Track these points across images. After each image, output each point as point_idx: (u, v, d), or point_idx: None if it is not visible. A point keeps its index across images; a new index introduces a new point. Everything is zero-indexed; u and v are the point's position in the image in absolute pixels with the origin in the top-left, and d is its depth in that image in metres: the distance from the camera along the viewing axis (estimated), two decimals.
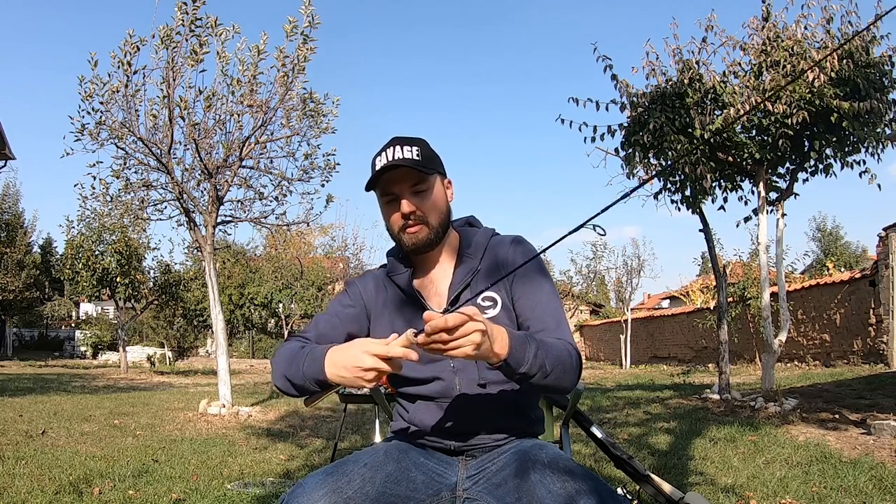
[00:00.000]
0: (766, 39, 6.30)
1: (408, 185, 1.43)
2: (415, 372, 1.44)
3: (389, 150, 1.42)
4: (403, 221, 1.43)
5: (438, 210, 1.46)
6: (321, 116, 7.64)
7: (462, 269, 1.48)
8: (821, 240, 29.00)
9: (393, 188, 1.43)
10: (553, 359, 1.28)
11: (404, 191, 1.42)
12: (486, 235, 1.54)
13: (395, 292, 1.51)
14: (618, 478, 3.31)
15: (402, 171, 1.41)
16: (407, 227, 1.43)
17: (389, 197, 1.45)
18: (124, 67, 6.92)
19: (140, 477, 3.78)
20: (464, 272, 1.47)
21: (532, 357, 1.23)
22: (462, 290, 1.45)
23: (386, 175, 1.41)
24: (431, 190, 1.45)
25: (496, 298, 1.44)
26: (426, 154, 1.45)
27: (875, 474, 3.41)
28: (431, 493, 1.30)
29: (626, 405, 7.23)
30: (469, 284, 1.46)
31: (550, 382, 1.28)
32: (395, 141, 1.45)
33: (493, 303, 1.44)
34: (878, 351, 10.09)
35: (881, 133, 6.09)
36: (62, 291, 30.56)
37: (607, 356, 23.07)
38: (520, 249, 1.50)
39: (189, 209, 7.54)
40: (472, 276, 1.47)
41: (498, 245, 1.51)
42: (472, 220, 1.64)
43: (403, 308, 1.49)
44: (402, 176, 1.42)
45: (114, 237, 17.28)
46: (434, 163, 1.48)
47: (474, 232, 1.56)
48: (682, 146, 6.15)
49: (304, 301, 24.83)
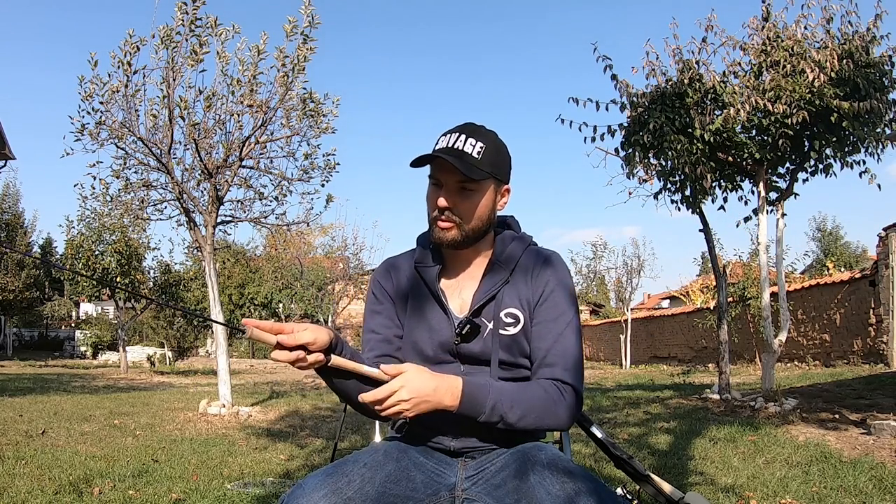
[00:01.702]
0: (766, 39, 6.30)
1: (455, 179, 1.36)
2: (425, 364, 1.43)
3: (453, 136, 1.36)
4: (437, 213, 1.37)
5: (479, 216, 1.38)
6: (321, 116, 7.64)
7: (490, 278, 1.42)
8: (821, 240, 29.02)
9: (441, 175, 1.37)
10: (524, 406, 1.29)
11: (450, 182, 1.36)
12: (522, 246, 1.47)
13: (420, 285, 1.47)
14: (618, 478, 3.31)
15: (452, 162, 1.33)
16: (439, 219, 1.37)
17: (435, 181, 1.39)
18: (124, 67, 6.92)
19: (140, 477, 3.78)
20: (491, 283, 1.42)
21: (489, 409, 1.27)
22: (486, 303, 1.41)
23: (438, 160, 1.35)
24: (479, 193, 1.38)
25: (519, 316, 1.40)
26: (489, 154, 1.36)
27: (875, 474, 3.41)
28: (431, 494, 1.30)
29: (626, 405, 7.23)
30: (495, 297, 1.41)
31: (525, 426, 1.30)
32: (465, 128, 1.38)
33: (516, 320, 1.40)
34: (878, 351, 10.09)
35: (881, 133, 6.08)
36: (62, 291, 30.59)
37: (607, 356, 23.07)
38: (550, 272, 1.42)
39: (189, 209, 7.53)
40: (500, 289, 1.42)
41: (532, 259, 1.45)
42: (510, 220, 1.55)
43: (424, 304, 1.45)
44: (452, 168, 1.34)
45: (114, 237, 17.28)
46: (492, 166, 1.38)
47: (511, 238, 1.48)
48: (683, 146, 6.15)
49: (304, 301, 24.80)
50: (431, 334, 1.42)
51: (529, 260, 1.45)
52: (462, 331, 1.38)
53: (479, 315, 1.41)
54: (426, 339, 1.42)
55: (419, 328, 1.44)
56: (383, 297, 1.50)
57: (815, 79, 5.71)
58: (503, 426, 1.29)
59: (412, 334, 1.44)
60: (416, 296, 1.46)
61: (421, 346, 1.43)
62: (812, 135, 6.20)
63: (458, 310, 1.43)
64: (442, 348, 1.41)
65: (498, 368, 1.39)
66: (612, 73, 6.65)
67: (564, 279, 1.43)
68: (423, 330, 1.43)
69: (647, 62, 6.66)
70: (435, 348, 1.42)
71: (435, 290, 1.43)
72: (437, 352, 1.42)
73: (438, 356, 1.42)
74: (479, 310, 1.41)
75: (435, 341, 1.42)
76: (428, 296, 1.45)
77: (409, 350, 1.45)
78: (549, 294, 1.40)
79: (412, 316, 1.45)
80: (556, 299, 1.40)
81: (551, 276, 1.42)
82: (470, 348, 1.40)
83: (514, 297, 1.41)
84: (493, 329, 1.39)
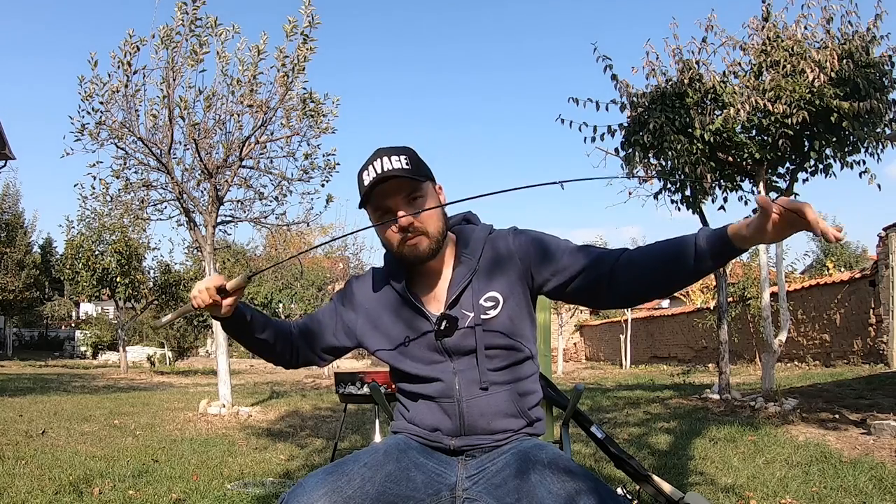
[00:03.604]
0: (766, 39, 6.30)
1: (401, 196, 1.37)
2: (416, 372, 1.44)
3: (377, 163, 1.36)
4: (402, 235, 1.37)
5: (436, 218, 1.40)
6: (321, 116, 7.64)
7: (460, 269, 1.44)
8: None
9: (386, 202, 1.37)
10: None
11: (399, 203, 1.37)
12: (484, 232, 1.49)
13: (394, 296, 1.48)
14: (618, 478, 3.31)
15: (393, 182, 1.35)
16: (406, 239, 1.38)
17: (382, 212, 1.39)
18: (124, 67, 6.93)
19: (140, 477, 3.78)
20: (462, 273, 1.43)
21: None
22: (462, 292, 1.42)
23: (377, 189, 1.36)
24: (426, 198, 1.40)
25: (498, 297, 1.41)
26: (414, 161, 1.39)
27: (875, 474, 3.41)
28: (431, 493, 1.30)
29: (626, 405, 7.23)
30: (468, 287, 1.43)
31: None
32: (381, 152, 1.38)
33: (495, 302, 1.41)
34: (878, 351, 10.08)
35: (881, 133, 6.08)
36: (62, 291, 30.56)
37: (607, 356, 23.06)
38: (521, 235, 1.45)
39: (189, 209, 7.54)
40: (471, 278, 1.43)
41: (497, 238, 1.47)
42: (469, 216, 1.57)
43: (401, 311, 1.46)
44: (395, 188, 1.36)
45: (114, 237, 17.28)
46: (424, 169, 1.42)
47: (472, 230, 1.50)
48: (683, 146, 6.15)
49: (304, 301, 24.78)
50: (417, 337, 1.43)
51: (494, 244, 1.46)
52: (440, 326, 1.39)
53: (456, 308, 1.42)
54: (414, 343, 1.44)
55: (407, 333, 1.45)
56: (347, 304, 1.54)
57: (815, 79, 5.71)
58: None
59: (401, 340, 1.45)
60: (394, 306, 1.48)
61: (412, 350, 1.44)
62: (812, 135, 6.19)
63: (435, 310, 1.44)
64: (429, 348, 1.42)
65: (485, 355, 1.40)
66: (613, 73, 6.66)
67: (536, 234, 1.45)
68: (409, 334, 1.44)
69: (647, 62, 6.66)
70: (423, 350, 1.43)
71: (407, 296, 1.44)
72: (425, 353, 1.43)
73: (428, 356, 1.43)
74: (454, 303, 1.41)
75: (421, 344, 1.43)
76: (403, 304, 1.46)
77: (403, 358, 1.46)
78: (537, 249, 1.41)
79: (394, 325, 1.46)
80: (544, 247, 1.41)
81: (522, 238, 1.44)
82: (455, 342, 1.40)
83: (488, 281, 1.42)
84: (475, 317, 1.40)
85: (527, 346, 1.44)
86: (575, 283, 1.36)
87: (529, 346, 1.45)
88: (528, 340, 1.45)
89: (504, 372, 1.42)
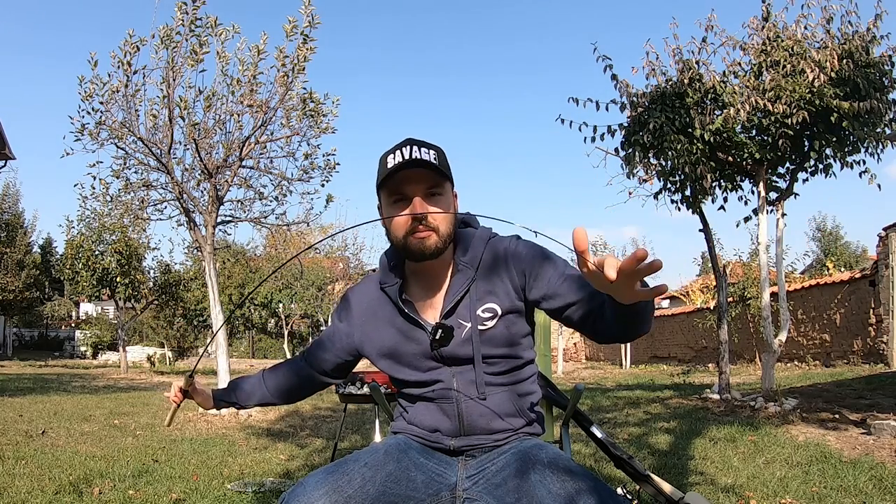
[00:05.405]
0: (766, 39, 6.30)
1: (423, 187, 1.35)
2: (414, 379, 1.44)
3: (406, 149, 1.35)
4: (412, 225, 1.34)
5: (449, 221, 1.38)
6: (321, 116, 7.64)
7: (458, 278, 1.41)
8: (821, 240, 28.97)
9: (405, 188, 1.35)
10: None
11: (418, 192, 1.35)
12: (484, 238, 1.45)
13: (388, 304, 1.47)
14: (618, 478, 3.31)
15: (418, 171, 1.33)
16: (416, 231, 1.34)
17: (398, 197, 1.37)
18: (124, 67, 6.92)
19: (140, 477, 3.78)
20: (460, 282, 1.40)
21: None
22: (458, 301, 1.40)
23: (401, 173, 1.34)
24: (445, 196, 1.39)
25: (496, 309, 1.39)
26: (442, 159, 1.38)
27: (875, 474, 3.41)
28: (431, 493, 1.30)
29: (626, 405, 7.23)
30: (466, 296, 1.40)
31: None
32: (411, 141, 1.37)
33: (493, 314, 1.39)
34: (878, 351, 10.08)
35: (881, 133, 6.08)
36: (62, 291, 30.57)
37: (607, 356, 23.05)
38: (522, 246, 1.42)
39: (189, 209, 7.54)
40: (468, 287, 1.40)
41: (497, 244, 1.44)
42: (467, 218, 1.53)
43: (396, 319, 1.45)
44: (419, 177, 1.34)
45: (114, 237, 17.26)
46: (449, 171, 1.41)
47: (471, 234, 1.47)
48: (683, 146, 6.15)
49: (303, 301, 24.81)
50: (413, 346, 1.43)
51: (494, 251, 1.43)
52: (435, 336, 1.38)
53: (452, 318, 1.40)
54: (410, 352, 1.44)
55: (402, 343, 1.44)
56: (346, 318, 1.54)
57: (815, 79, 5.71)
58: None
59: (398, 350, 1.45)
60: (387, 315, 1.47)
61: (408, 359, 1.44)
62: (812, 135, 6.19)
63: (431, 319, 1.42)
64: (425, 356, 1.42)
65: (482, 364, 1.39)
66: (613, 73, 6.66)
67: (538, 250, 1.41)
68: (405, 343, 1.44)
69: (647, 62, 6.66)
70: (419, 358, 1.43)
71: (401, 305, 1.43)
72: (421, 361, 1.43)
73: (425, 364, 1.43)
74: (451, 312, 1.40)
75: (417, 351, 1.43)
76: (397, 313, 1.45)
77: (400, 367, 1.46)
78: (536, 263, 1.38)
79: (389, 332, 1.46)
80: (541, 262, 1.37)
81: (522, 246, 1.41)
82: (451, 350, 1.40)
83: (486, 291, 1.40)
84: (472, 327, 1.39)
85: (525, 352, 1.44)
86: (568, 313, 1.31)
87: (528, 352, 1.45)
88: (526, 347, 1.45)
89: (503, 376, 1.42)
